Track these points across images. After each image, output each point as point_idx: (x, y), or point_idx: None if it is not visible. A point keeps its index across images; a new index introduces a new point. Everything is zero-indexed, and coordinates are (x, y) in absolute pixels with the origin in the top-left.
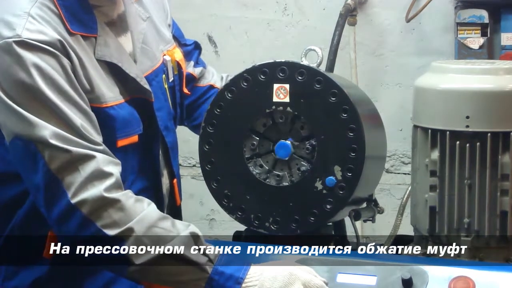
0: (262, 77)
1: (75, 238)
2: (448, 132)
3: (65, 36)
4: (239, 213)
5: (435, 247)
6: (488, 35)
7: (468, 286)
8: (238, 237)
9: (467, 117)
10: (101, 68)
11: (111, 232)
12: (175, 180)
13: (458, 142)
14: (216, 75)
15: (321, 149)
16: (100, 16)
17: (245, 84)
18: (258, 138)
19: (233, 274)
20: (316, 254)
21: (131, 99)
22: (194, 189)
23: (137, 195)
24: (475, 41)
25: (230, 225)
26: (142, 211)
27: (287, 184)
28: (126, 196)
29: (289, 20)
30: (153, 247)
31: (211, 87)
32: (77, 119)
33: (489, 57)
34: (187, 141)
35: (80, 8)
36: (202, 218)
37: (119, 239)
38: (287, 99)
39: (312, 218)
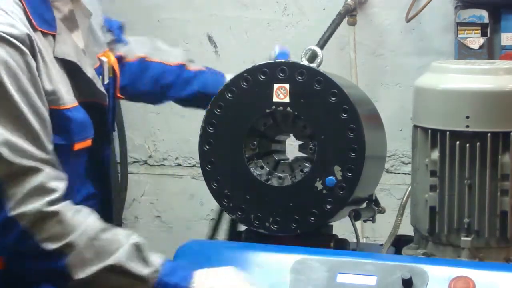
0: (262, 77)
1: (14, 251)
2: (448, 132)
3: (31, 32)
4: (239, 213)
5: (435, 247)
6: (488, 35)
7: (468, 286)
8: (238, 237)
9: (467, 117)
10: (60, 68)
11: (51, 246)
12: None
13: (458, 142)
14: (138, 44)
15: (321, 149)
16: (55, 12)
17: (245, 84)
18: (258, 138)
19: (178, 283)
20: (316, 254)
21: (82, 103)
22: (194, 189)
23: (86, 199)
24: (475, 41)
25: None
26: (83, 223)
27: (287, 184)
28: (66, 208)
29: (289, 20)
30: (95, 261)
31: (143, 59)
32: (36, 125)
33: (489, 57)
34: (187, 141)
35: (41, 3)
36: (202, 218)
37: (59, 253)
38: (287, 99)
39: (312, 218)
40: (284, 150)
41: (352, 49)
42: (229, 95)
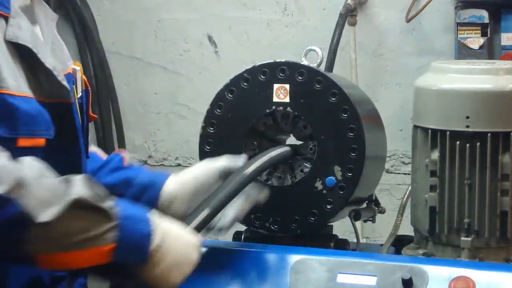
0: (262, 77)
1: None
2: (448, 132)
3: None
4: None
5: (435, 247)
6: (488, 35)
7: (468, 286)
8: (238, 237)
9: (467, 117)
10: (10, 54)
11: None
12: None
13: (458, 142)
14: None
15: (321, 149)
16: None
17: (245, 84)
18: (258, 138)
19: (142, 215)
20: (316, 254)
21: (44, 102)
22: None
23: None
24: (475, 41)
25: None
26: (26, 162)
27: (287, 184)
28: (7, 154)
29: (289, 20)
30: (54, 200)
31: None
32: None
33: (489, 57)
34: (187, 141)
35: None
36: None
37: (9, 198)
38: (287, 99)
39: (312, 218)
40: None
41: (352, 49)
42: (229, 95)
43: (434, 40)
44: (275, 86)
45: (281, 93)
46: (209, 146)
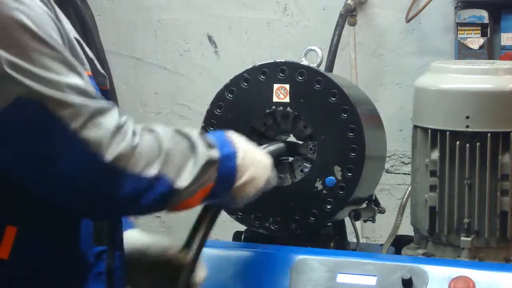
0: (262, 77)
1: (122, 198)
2: (448, 132)
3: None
4: (239, 213)
5: (435, 247)
6: (488, 35)
7: (468, 286)
8: (238, 237)
9: (467, 117)
10: None
11: (151, 171)
12: None
13: (458, 142)
14: None
15: (321, 149)
16: None
17: (245, 84)
18: (258, 138)
19: (231, 151)
20: (316, 254)
21: None
22: None
23: None
24: (475, 41)
25: (230, 225)
26: (160, 133)
27: (287, 184)
28: (142, 131)
29: (289, 20)
30: (190, 164)
31: None
32: (79, 67)
33: (489, 57)
34: None
35: None
36: None
37: (161, 177)
38: (287, 99)
39: (312, 218)
40: None
41: (352, 49)
42: (229, 95)
43: (434, 40)
44: (275, 86)
45: (281, 93)
46: None
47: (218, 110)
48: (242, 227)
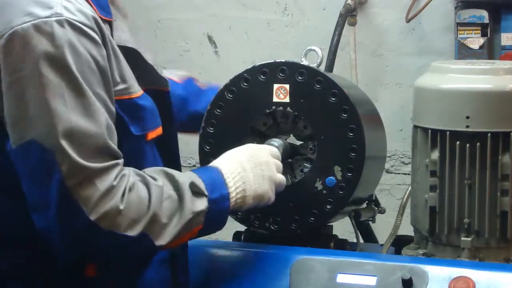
0: (262, 77)
1: (107, 253)
2: (448, 132)
3: (97, 17)
4: (239, 213)
5: (435, 247)
6: (488, 35)
7: (468, 286)
8: (238, 237)
9: (467, 117)
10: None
11: (134, 232)
12: None
13: (458, 142)
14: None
15: (321, 149)
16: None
17: (245, 84)
18: (258, 139)
19: (222, 193)
20: (316, 254)
21: (146, 90)
22: None
23: None
24: (475, 41)
25: (230, 225)
26: (148, 192)
27: (287, 184)
28: (133, 191)
29: (289, 20)
30: (171, 223)
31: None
32: (104, 122)
33: (489, 57)
34: (187, 141)
35: None
36: None
37: (143, 234)
38: (287, 99)
39: (312, 218)
40: None
41: (352, 49)
42: (229, 95)
43: (434, 40)
44: (275, 86)
45: (281, 93)
46: (209, 146)
47: (218, 110)
48: (242, 227)
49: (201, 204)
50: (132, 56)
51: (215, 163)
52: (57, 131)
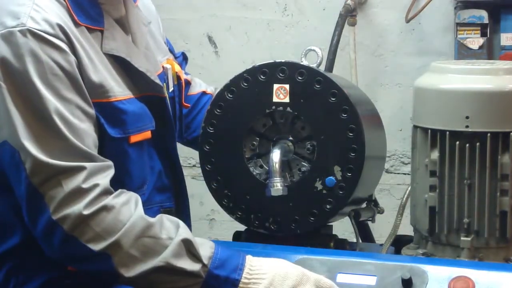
0: (262, 77)
1: (62, 254)
2: (448, 132)
3: (70, 26)
4: (239, 213)
5: (435, 247)
6: (488, 35)
7: (468, 286)
8: (238, 237)
9: (467, 117)
10: (109, 63)
11: (96, 247)
12: None
13: (458, 142)
14: (203, 83)
15: (321, 149)
16: (106, 13)
17: (245, 84)
18: (258, 138)
19: (229, 276)
20: (316, 254)
21: (141, 97)
22: (194, 189)
23: (162, 191)
24: (475, 41)
25: (230, 225)
26: (129, 218)
27: (287, 184)
28: (109, 205)
29: (289, 20)
30: (142, 260)
31: (203, 93)
32: (73, 119)
33: (489, 57)
34: None
35: (87, 1)
36: (202, 218)
37: (105, 254)
38: (287, 99)
39: (312, 218)
40: None
41: (352, 49)
42: (229, 95)
43: (433, 40)
44: (275, 86)
45: (281, 93)
46: (209, 146)
47: (218, 110)
48: (242, 227)
49: (190, 265)
50: (121, 64)
51: (256, 258)
52: (19, 132)
